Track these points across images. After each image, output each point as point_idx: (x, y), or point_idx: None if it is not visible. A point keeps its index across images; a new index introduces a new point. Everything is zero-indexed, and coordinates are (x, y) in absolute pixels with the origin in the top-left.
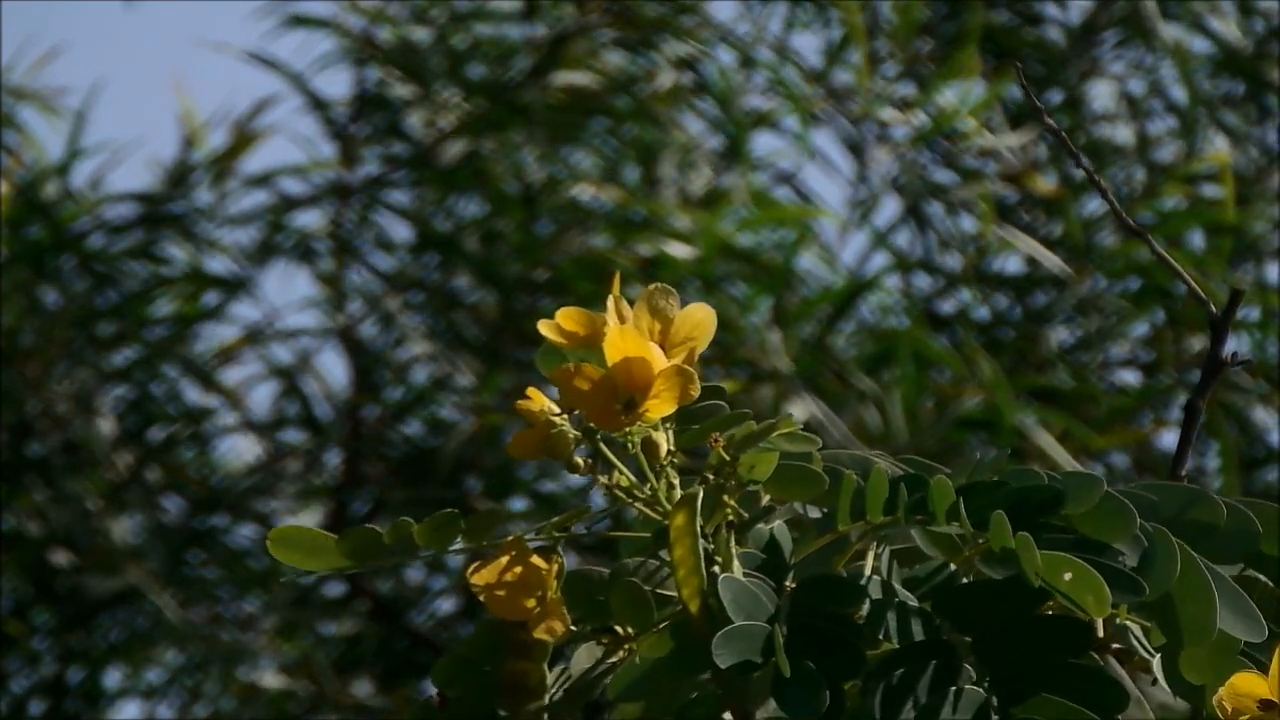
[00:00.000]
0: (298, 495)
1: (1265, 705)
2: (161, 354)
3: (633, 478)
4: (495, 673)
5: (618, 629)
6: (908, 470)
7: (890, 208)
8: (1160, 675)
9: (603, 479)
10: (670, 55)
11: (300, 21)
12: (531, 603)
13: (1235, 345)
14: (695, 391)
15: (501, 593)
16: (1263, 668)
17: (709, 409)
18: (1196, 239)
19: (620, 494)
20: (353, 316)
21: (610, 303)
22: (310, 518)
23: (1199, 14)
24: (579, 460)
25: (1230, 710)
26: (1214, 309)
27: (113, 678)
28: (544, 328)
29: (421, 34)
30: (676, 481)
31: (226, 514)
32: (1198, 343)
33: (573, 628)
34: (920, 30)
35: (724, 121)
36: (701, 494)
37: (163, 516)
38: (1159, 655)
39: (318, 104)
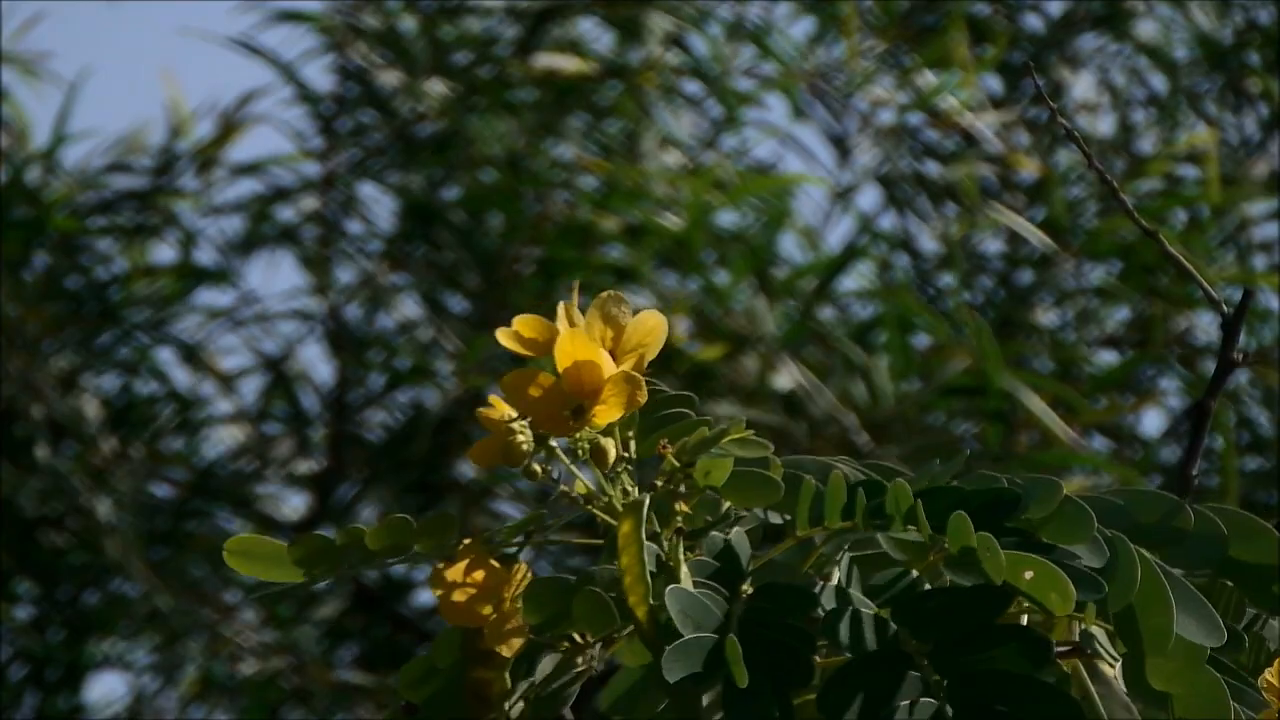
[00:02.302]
0: (282, 482)
1: None
2: (148, 327)
3: (590, 485)
4: (460, 680)
5: (577, 637)
6: (869, 475)
7: (873, 196)
8: (1123, 682)
9: (563, 486)
10: (658, 30)
11: (285, 17)
12: (488, 610)
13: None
14: (643, 398)
15: (459, 600)
16: (1229, 673)
17: (671, 417)
18: (1178, 234)
19: (578, 500)
20: (338, 297)
21: (561, 309)
22: (296, 503)
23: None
24: (535, 467)
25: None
26: (1225, 309)
27: (95, 651)
28: (502, 336)
29: (408, 22)
30: (632, 488)
31: (212, 499)
32: (1183, 321)
33: (533, 636)
34: (901, 21)
35: (713, 90)
36: (648, 501)
37: (147, 500)
38: (1121, 663)
39: (303, 92)
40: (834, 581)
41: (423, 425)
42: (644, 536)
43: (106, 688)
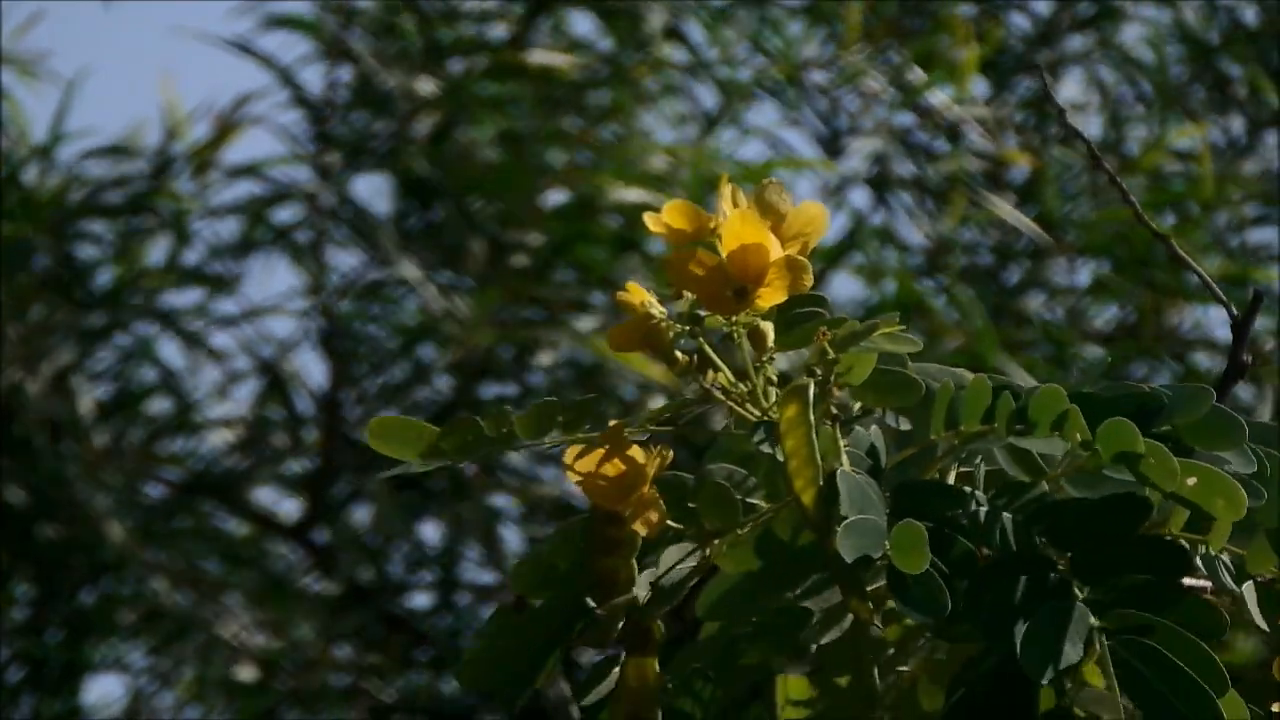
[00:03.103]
0: (275, 482)
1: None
2: (147, 311)
3: (731, 376)
4: (583, 569)
5: (705, 527)
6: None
7: (864, 195)
8: (1253, 605)
9: (701, 378)
10: (654, 20)
11: (281, 22)
12: (625, 491)
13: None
14: (808, 282)
15: (601, 481)
16: None
17: (807, 314)
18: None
19: (718, 393)
20: (332, 296)
21: (725, 191)
22: (291, 503)
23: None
24: (678, 354)
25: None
26: (1235, 312)
27: (93, 653)
28: (650, 221)
29: (405, 23)
30: (775, 378)
31: (205, 498)
32: (1175, 316)
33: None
34: (891, 23)
35: (711, 78)
36: (812, 385)
37: (141, 499)
38: (1248, 585)
39: (298, 95)
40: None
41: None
42: (811, 419)
43: (104, 689)
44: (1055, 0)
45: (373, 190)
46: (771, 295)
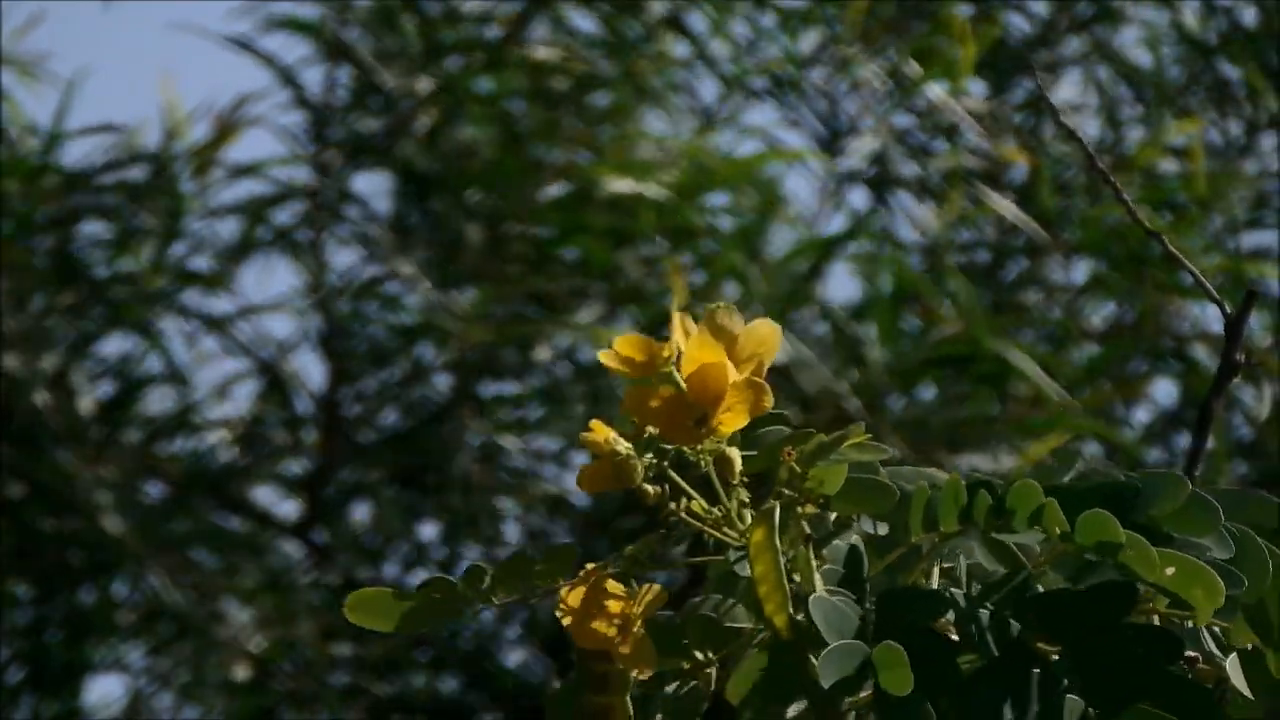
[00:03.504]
0: (274, 481)
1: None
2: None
3: (703, 501)
4: (575, 706)
5: (698, 656)
6: (976, 479)
7: (861, 193)
8: (1237, 678)
9: (673, 505)
10: (654, 11)
11: (281, 24)
12: (613, 633)
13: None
14: (768, 403)
15: (586, 623)
16: None
17: (771, 432)
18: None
19: (693, 520)
20: (331, 293)
21: (676, 319)
22: (289, 503)
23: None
24: (649, 488)
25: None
26: (1229, 310)
27: (93, 653)
28: (604, 358)
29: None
30: (747, 500)
31: (205, 496)
32: (1172, 312)
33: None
34: (888, 23)
35: (711, 66)
36: (778, 508)
37: (142, 498)
38: (1232, 657)
39: (298, 95)
40: (949, 586)
41: (418, 422)
42: (777, 544)
43: (104, 690)
44: (1053, 1)
45: (372, 188)
46: (733, 420)
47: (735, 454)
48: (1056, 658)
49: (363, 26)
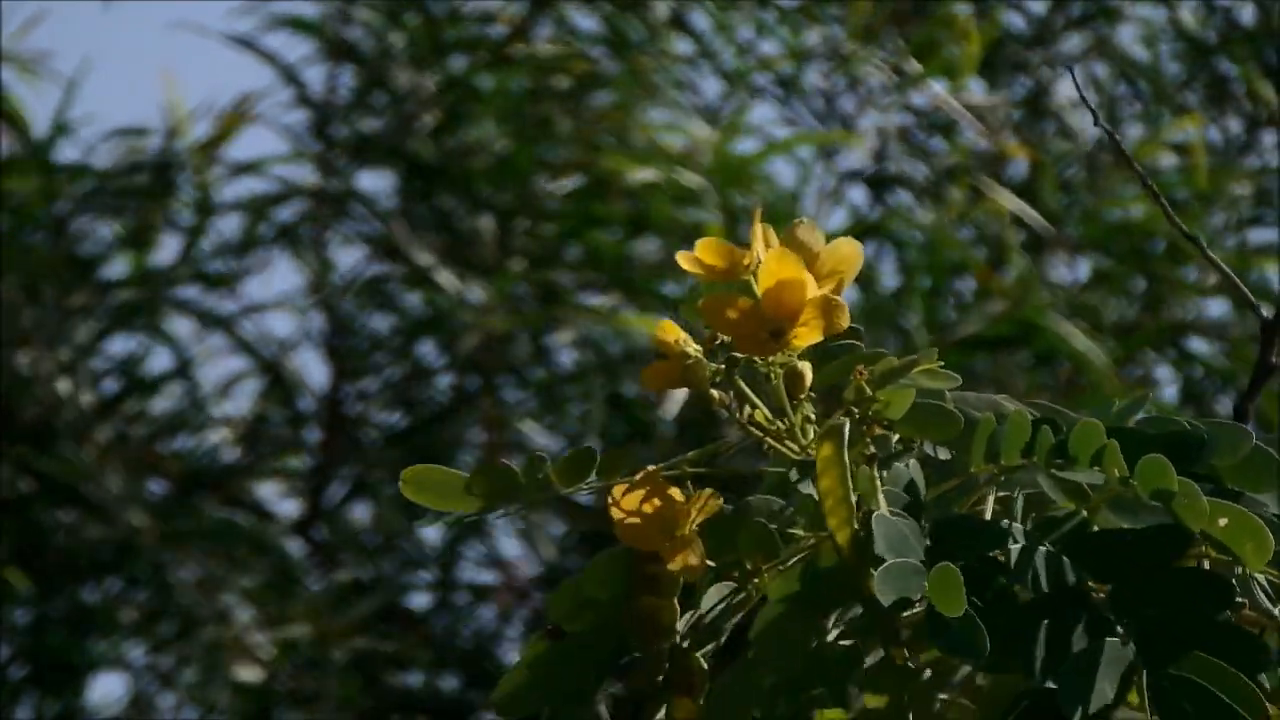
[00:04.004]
0: (275, 478)
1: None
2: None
3: (769, 413)
4: (624, 608)
5: (746, 565)
6: (1039, 414)
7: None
8: None
9: (739, 415)
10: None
11: (284, 22)
12: (665, 536)
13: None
14: (844, 322)
15: (639, 523)
16: None
17: (844, 348)
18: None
19: (755, 430)
20: (335, 292)
21: (757, 230)
22: (290, 501)
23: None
24: (715, 393)
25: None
26: (1264, 314)
27: (94, 651)
28: (683, 260)
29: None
30: (813, 416)
31: (207, 492)
32: (1176, 307)
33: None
34: (892, 15)
35: (714, 63)
36: (848, 425)
37: (147, 496)
38: None
39: (301, 93)
40: (991, 519)
41: (419, 420)
42: (846, 460)
43: (106, 689)
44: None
45: (376, 186)
46: (808, 335)
47: (806, 368)
48: (1103, 598)
49: (365, 25)
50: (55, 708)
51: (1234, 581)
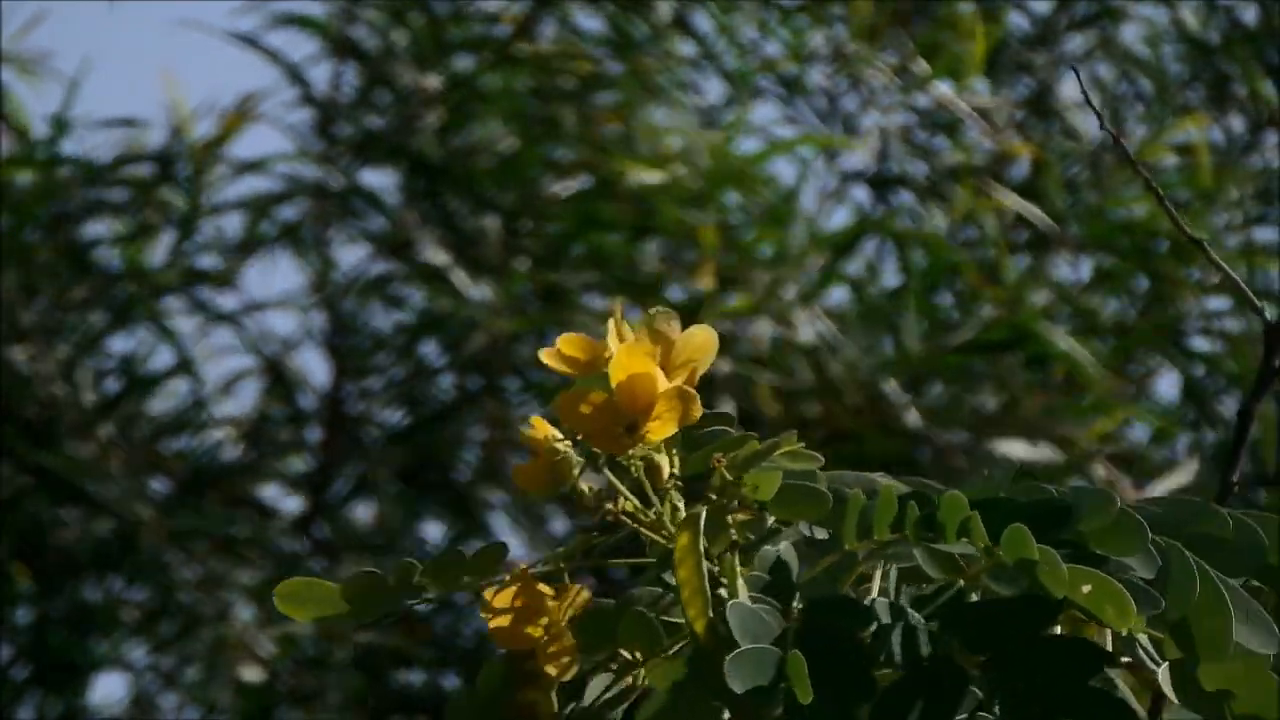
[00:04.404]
0: (277, 478)
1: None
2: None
3: (638, 503)
4: (505, 703)
5: (627, 656)
6: (913, 488)
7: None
8: (1168, 687)
9: (608, 505)
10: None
11: (288, 21)
12: (538, 633)
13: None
14: (697, 413)
15: (509, 624)
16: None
17: (712, 434)
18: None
19: (625, 519)
20: (337, 290)
21: (610, 325)
22: (292, 500)
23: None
24: (584, 487)
25: None
26: (1269, 316)
27: (96, 650)
28: (546, 356)
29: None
30: (680, 504)
31: (209, 493)
32: (1179, 305)
33: (582, 657)
34: (895, 15)
35: (717, 63)
36: (704, 514)
37: (150, 495)
38: (1165, 667)
39: (305, 92)
40: (875, 595)
41: (421, 419)
42: (701, 550)
43: (108, 688)
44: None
45: (380, 184)
46: (662, 428)
47: (664, 460)
48: (979, 670)
49: (370, 24)
50: (57, 707)
51: (1118, 643)
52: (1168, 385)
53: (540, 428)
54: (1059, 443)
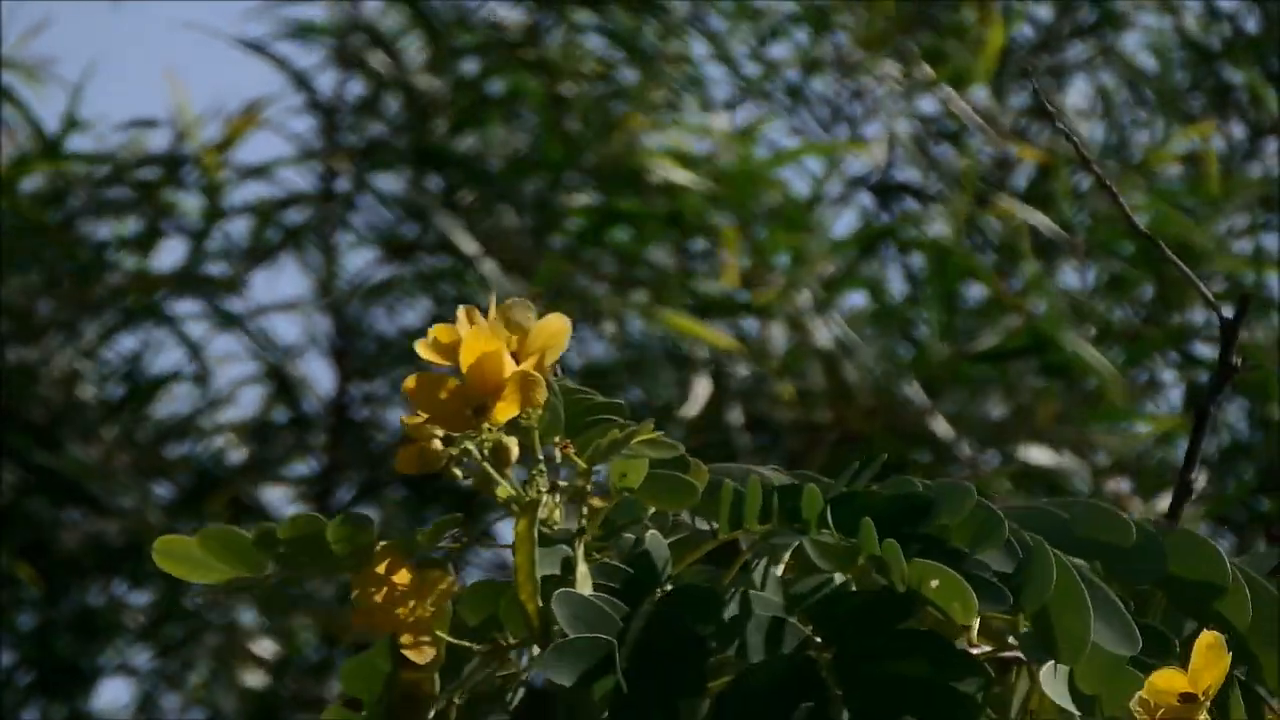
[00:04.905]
0: (280, 483)
1: (1185, 698)
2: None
3: (515, 487)
4: (386, 682)
5: (504, 640)
6: (792, 480)
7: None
8: (1046, 685)
9: (487, 489)
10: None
11: (298, 30)
12: (404, 615)
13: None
14: (541, 396)
15: (373, 604)
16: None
17: (593, 422)
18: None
19: (502, 503)
20: (342, 294)
21: (461, 312)
22: (295, 506)
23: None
24: (455, 470)
25: (1153, 707)
26: (1224, 314)
27: (101, 656)
28: (419, 347)
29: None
30: (545, 491)
31: (213, 497)
32: (1190, 313)
33: (454, 642)
34: (903, 21)
35: (731, 66)
36: (543, 500)
37: (155, 500)
38: (1046, 667)
39: (311, 98)
40: (752, 586)
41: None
42: (536, 535)
43: (112, 694)
44: (1057, 5)
45: (389, 189)
46: (507, 409)
47: (512, 443)
48: (830, 662)
49: (376, 30)
50: (62, 712)
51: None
52: (1170, 392)
53: (419, 414)
54: (1075, 449)
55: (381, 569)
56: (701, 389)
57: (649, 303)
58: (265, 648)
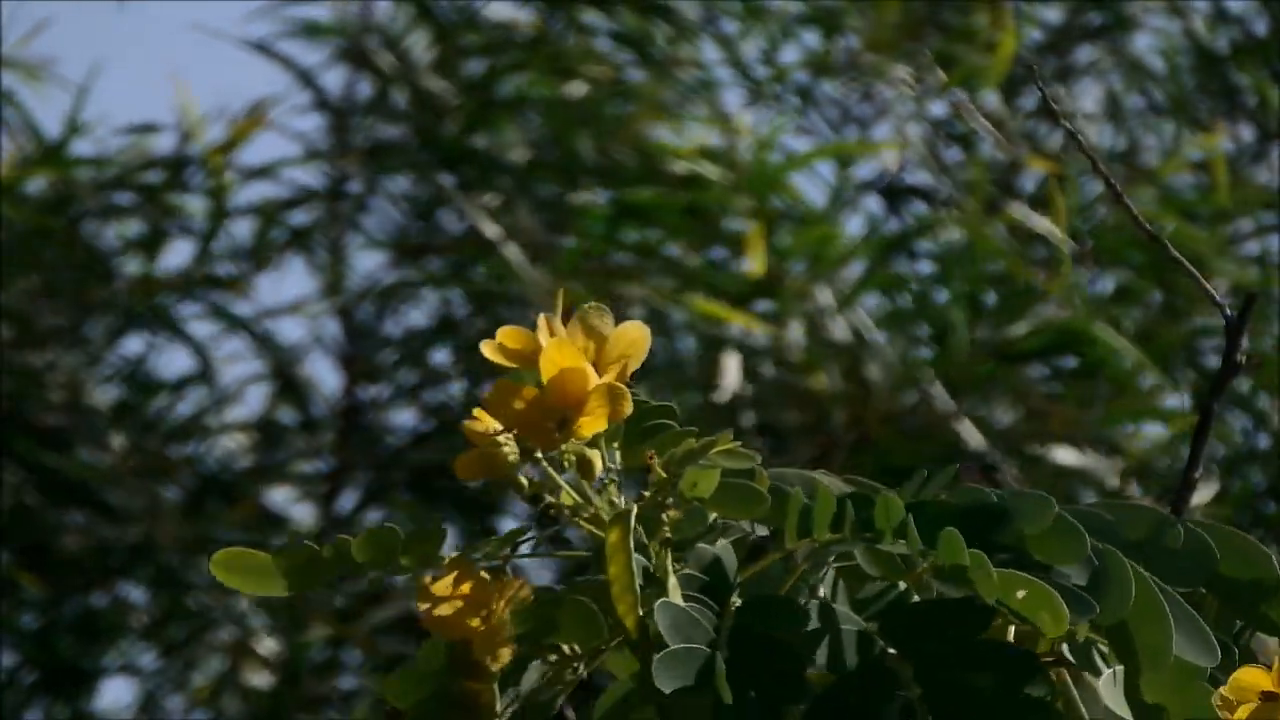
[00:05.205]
0: (288, 485)
1: (1267, 696)
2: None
3: (578, 497)
4: (446, 690)
5: (565, 648)
6: (855, 489)
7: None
8: (1106, 694)
9: (549, 498)
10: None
11: (304, 30)
12: (476, 623)
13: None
14: (627, 409)
15: (445, 613)
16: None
17: (655, 428)
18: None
19: (566, 512)
20: (350, 296)
21: (541, 321)
22: (303, 509)
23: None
24: (522, 479)
25: (1234, 703)
26: (1229, 314)
27: (104, 656)
28: (486, 348)
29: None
30: (619, 500)
31: (220, 499)
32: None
33: (521, 648)
34: (912, 26)
35: (741, 68)
36: (635, 510)
37: (157, 501)
38: (1105, 676)
39: (318, 97)
40: (820, 595)
41: (436, 428)
42: (632, 546)
43: (115, 694)
44: (1067, 3)
45: (397, 190)
46: (593, 424)
47: (595, 456)
48: (910, 674)
49: (385, 30)
50: (65, 713)
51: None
52: (1171, 397)
53: (483, 419)
54: (1095, 448)
55: (452, 578)
56: (731, 376)
57: (677, 289)
58: (269, 648)
